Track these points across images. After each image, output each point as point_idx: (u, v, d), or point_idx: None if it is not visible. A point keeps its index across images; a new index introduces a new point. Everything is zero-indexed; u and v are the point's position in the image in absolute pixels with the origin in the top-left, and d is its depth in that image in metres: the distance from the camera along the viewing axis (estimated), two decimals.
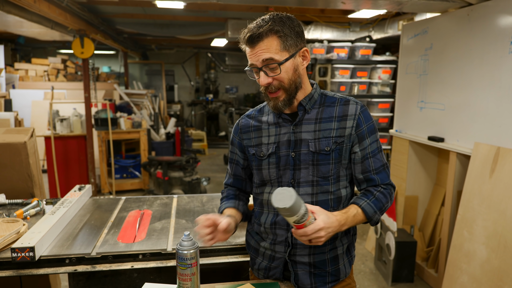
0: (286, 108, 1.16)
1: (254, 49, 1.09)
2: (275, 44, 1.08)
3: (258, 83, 1.15)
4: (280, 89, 1.12)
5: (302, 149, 1.16)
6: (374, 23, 4.48)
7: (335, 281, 1.23)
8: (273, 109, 1.16)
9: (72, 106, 5.37)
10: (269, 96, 1.15)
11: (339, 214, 1.08)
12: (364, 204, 1.14)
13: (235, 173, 1.30)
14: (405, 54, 3.25)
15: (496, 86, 2.29)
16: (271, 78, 1.10)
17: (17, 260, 1.35)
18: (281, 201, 0.96)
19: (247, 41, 1.09)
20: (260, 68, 1.10)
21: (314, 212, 1.03)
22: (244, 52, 1.15)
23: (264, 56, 1.08)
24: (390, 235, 2.84)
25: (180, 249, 1.07)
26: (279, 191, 0.99)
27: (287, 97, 1.13)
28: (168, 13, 4.65)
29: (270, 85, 1.11)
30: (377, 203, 1.16)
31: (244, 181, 1.34)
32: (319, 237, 1.01)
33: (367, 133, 1.17)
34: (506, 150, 2.18)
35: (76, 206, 1.89)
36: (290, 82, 1.12)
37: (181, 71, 9.62)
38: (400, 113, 3.36)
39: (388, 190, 1.20)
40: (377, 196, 1.17)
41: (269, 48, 1.07)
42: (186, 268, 1.08)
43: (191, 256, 1.07)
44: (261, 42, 1.07)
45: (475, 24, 2.44)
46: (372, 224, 1.19)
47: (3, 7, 2.90)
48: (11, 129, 2.29)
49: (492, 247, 2.14)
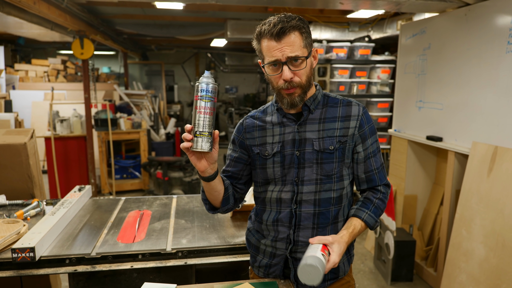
0: (301, 104, 1.17)
1: (280, 44, 1.09)
2: (299, 40, 1.11)
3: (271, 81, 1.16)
4: (298, 87, 1.14)
5: (306, 148, 1.18)
6: (373, 23, 4.49)
7: (334, 279, 1.25)
8: (289, 105, 1.16)
9: (72, 107, 5.38)
10: (285, 93, 1.15)
11: (347, 236, 1.14)
12: (366, 217, 1.20)
13: (231, 169, 1.30)
14: (403, 54, 3.26)
15: (493, 86, 2.30)
16: (293, 73, 1.12)
17: (17, 260, 1.37)
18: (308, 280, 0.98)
19: (275, 35, 1.09)
20: (284, 62, 1.10)
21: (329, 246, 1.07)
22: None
23: (291, 51, 1.09)
24: (389, 235, 2.85)
25: (207, 82, 1.04)
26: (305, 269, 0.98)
27: (302, 93, 1.15)
28: (167, 14, 4.66)
29: (292, 81, 1.12)
30: (377, 211, 1.22)
31: (236, 180, 1.31)
32: (334, 267, 1.08)
33: (369, 133, 1.21)
34: (503, 149, 2.19)
35: (76, 207, 1.90)
36: (307, 79, 1.15)
37: (181, 72, 9.63)
38: (399, 113, 3.36)
39: (385, 194, 1.25)
40: (376, 204, 1.22)
41: (294, 43, 1.10)
42: (211, 101, 1.04)
43: (215, 90, 1.05)
44: (287, 37, 1.09)
45: (472, 24, 2.45)
46: (372, 230, 1.25)
47: (3, 9, 2.91)
48: (11, 130, 2.30)
49: (490, 245, 2.15)
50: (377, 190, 1.24)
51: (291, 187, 1.20)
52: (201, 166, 1.11)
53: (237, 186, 1.31)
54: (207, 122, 1.05)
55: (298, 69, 1.12)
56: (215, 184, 1.18)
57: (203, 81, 1.04)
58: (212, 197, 1.23)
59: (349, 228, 1.17)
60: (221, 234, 1.65)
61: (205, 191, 1.23)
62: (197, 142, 1.05)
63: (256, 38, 1.16)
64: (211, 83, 1.04)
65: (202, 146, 1.05)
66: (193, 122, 1.05)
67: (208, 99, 1.04)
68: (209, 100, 1.04)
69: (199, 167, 1.11)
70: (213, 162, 1.12)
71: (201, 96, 1.04)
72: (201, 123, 1.04)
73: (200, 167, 1.11)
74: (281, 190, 1.22)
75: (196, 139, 1.05)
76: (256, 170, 1.27)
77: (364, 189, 1.26)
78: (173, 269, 1.52)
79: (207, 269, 1.81)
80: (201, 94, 1.04)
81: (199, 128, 1.04)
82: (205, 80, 1.04)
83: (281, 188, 1.22)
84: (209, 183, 1.16)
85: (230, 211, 1.31)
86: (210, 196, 1.23)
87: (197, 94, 1.04)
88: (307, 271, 0.98)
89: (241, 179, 1.31)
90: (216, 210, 1.28)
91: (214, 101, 1.06)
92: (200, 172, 1.13)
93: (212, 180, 1.16)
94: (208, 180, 1.15)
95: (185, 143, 1.06)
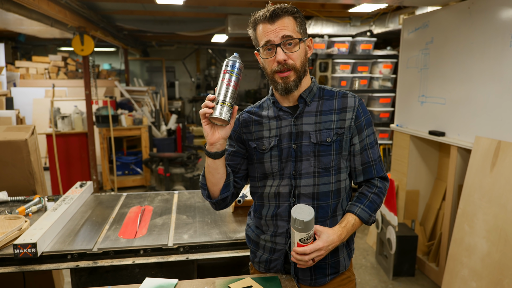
0: (296, 90, 1.17)
1: (274, 25, 1.11)
2: (293, 23, 1.13)
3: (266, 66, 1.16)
4: (292, 70, 1.14)
5: (303, 141, 1.18)
6: (375, 17, 4.46)
7: (335, 274, 1.24)
8: (283, 90, 1.16)
9: (73, 104, 5.38)
10: (279, 77, 1.15)
11: (339, 230, 1.15)
12: (359, 211, 1.19)
13: (229, 163, 1.28)
14: (406, 48, 3.23)
15: (497, 80, 2.28)
16: (287, 55, 1.12)
17: (19, 256, 1.37)
18: (300, 214, 1.05)
19: (268, 17, 1.11)
20: (278, 44, 1.11)
21: (317, 233, 1.12)
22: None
23: (285, 32, 1.11)
24: (391, 230, 2.84)
25: (235, 59, 1.11)
26: (300, 206, 1.09)
27: (297, 78, 1.15)
28: (167, 10, 4.64)
29: (286, 62, 1.12)
30: (372, 205, 1.21)
31: (234, 173, 1.29)
32: (319, 255, 1.11)
33: (365, 125, 1.21)
34: (507, 144, 2.17)
35: (77, 203, 1.90)
36: (301, 64, 1.15)
37: (182, 68, 9.60)
38: (401, 108, 3.35)
39: (382, 189, 1.24)
40: (371, 199, 1.22)
41: (288, 26, 1.12)
42: (237, 76, 1.10)
43: (241, 68, 1.12)
44: (281, 19, 1.11)
45: (476, 17, 2.43)
46: (368, 225, 1.24)
47: (3, 5, 2.90)
48: (12, 127, 2.30)
49: (492, 240, 2.15)
50: (373, 184, 1.23)
51: (288, 181, 1.19)
52: (214, 138, 1.11)
53: (235, 180, 1.29)
54: (231, 93, 1.08)
55: (291, 52, 1.12)
56: (220, 163, 1.17)
57: (232, 59, 1.11)
58: (213, 180, 1.20)
59: (341, 222, 1.18)
60: (223, 229, 1.65)
61: (207, 173, 1.20)
62: (219, 109, 1.06)
63: (251, 26, 1.17)
64: (238, 62, 1.11)
65: (222, 114, 1.06)
66: (217, 93, 1.08)
67: (235, 74, 1.09)
68: (236, 76, 1.09)
69: (211, 138, 1.11)
70: (225, 137, 1.13)
71: (229, 70, 1.09)
72: (226, 93, 1.07)
73: (212, 138, 1.11)
74: (279, 184, 1.21)
75: (218, 106, 1.06)
76: (254, 164, 1.26)
77: (360, 182, 1.26)
78: (175, 264, 1.52)
79: (209, 264, 1.81)
80: (229, 69, 1.09)
81: (223, 97, 1.07)
82: (233, 59, 1.11)
83: (279, 182, 1.21)
84: (215, 161, 1.15)
85: (226, 204, 1.26)
86: (212, 179, 1.19)
87: (225, 69, 1.09)
88: (301, 207, 1.08)
89: (239, 173, 1.29)
90: (214, 199, 1.24)
91: (239, 78, 1.11)
92: (210, 144, 1.12)
93: (219, 158, 1.15)
94: (215, 157, 1.14)
95: (206, 108, 1.07)
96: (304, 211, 1.06)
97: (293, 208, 1.08)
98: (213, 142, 1.11)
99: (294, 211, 1.07)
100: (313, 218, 1.06)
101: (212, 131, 1.10)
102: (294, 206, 1.09)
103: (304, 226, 1.05)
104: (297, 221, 1.05)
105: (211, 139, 1.11)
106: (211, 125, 1.10)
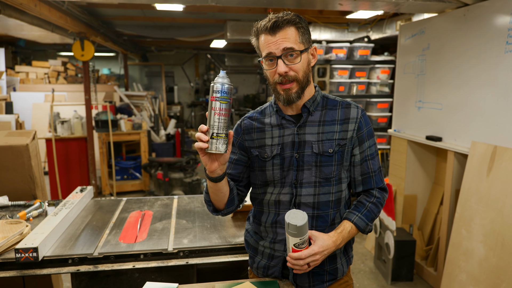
0: (298, 100, 1.16)
1: (275, 37, 1.10)
2: (295, 35, 1.11)
3: (268, 76, 1.16)
4: (294, 81, 1.13)
5: (305, 151, 1.18)
6: (372, 23, 4.50)
7: (333, 280, 1.25)
8: (285, 102, 1.15)
9: (73, 108, 5.39)
10: (281, 89, 1.14)
11: (335, 235, 1.16)
12: (356, 219, 1.20)
13: (231, 172, 1.28)
14: (403, 54, 3.27)
15: (492, 85, 2.31)
16: (288, 68, 1.12)
17: (20, 260, 1.38)
18: (293, 219, 1.06)
19: (269, 29, 1.10)
20: (279, 56, 1.11)
21: (312, 238, 1.12)
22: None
23: (286, 44, 1.10)
24: (389, 234, 2.86)
25: (222, 82, 1.03)
26: (294, 211, 1.09)
27: (299, 89, 1.15)
28: (167, 15, 4.68)
29: (287, 74, 1.12)
30: (369, 214, 1.21)
31: (237, 182, 1.29)
32: (314, 260, 1.10)
33: (367, 136, 1.22)
34: (503, 148, 2.20)
35: (78, 208, 1.91)
36: (304, 75, 1.14)
37: (181, 73, 9.64)
38: (398, 113, 3.38)
39: (380, 199, 1.25)
40: (369, 208, 1.22)
41: (289, 37, 1.10)
42: (227, 102, 1.04)
43: (230, 90, 1.04)
44: (282, 31, 1.10)
45: (471, 24, 2.47)
46: (365, 233, 1.24)
47: (4, 11, 2.92)
48: (13, 132, 2.32)
49: (490, 245, 2.16)
50: (371, 194, 1.24)
51: (289, 189, 1.20)
52: (213, 167, 1.09)
53: (238, 189, 1.29)
54: (223, 123, 1.04)
55: (293, 64, 1.12)
56: (222, 185, 1.16)
57: (219, 81, 1.03)
58: (217, 198, 1.21)
59: (337, 228, 1.18)
60: (222, 234, 1.66)
61: (211, 193, 1.20)
62: (214, 144, 1.04)
63: (254, 35, 1.17)
64: (227, 84, 1.03)
65: (218, 148, 1.04)
66: (209, 123, 1.04)
67: (224, 100, 1.03)
68: (225, 102, 1.03)
69: (211, 167, 1.09)
70: (224, 163, 1.11)
71: (217, 98, 1.03)
72: (218, 124, 1.03)
73: (211, 167, 1.09)
74: (279, 192, 1.21)
75: (213, 140, 1.04)
76: (255, 172, 1.27)
77: (359, 192, 1.26)
78: (175, 269, 1.53)
79: (208, 268, 1.82)
80: (218, 96, 1.02)
81: (217, 130, 1.03)
82: (220, 81, 1.03)
83: (279, 190, 1.21)
84: (217, 184, 1.14)
85: (232, 212, 1.29)
86: (216, 197, 1.20)
87: (213, 95, 1.03)
88: (294, 213, 1.08)
89: (242, 181, 1.29)
90: (220, 212, 1.26)
91: (230, 102, 1.05)
92: (210, 172, 1.11)
93: (220, 181, 1.14)
94: (216, 181, 1.13)
95: (201, 143, 1.04)
96: (298, 216, 1.06)
97: (287, 213, 1.07)
98: (213, 170, 1.10)
99: (288, 216, 1.07)
100: (306, 223, 1.06)
101: (211, 161, 1.08)
102: (288, 212, 1.08)
103: (298, 231, 1.05)
104: (290, 226, 1.05)
105: (211, 168, 1.09)
106: (208, 156, 1.07)
